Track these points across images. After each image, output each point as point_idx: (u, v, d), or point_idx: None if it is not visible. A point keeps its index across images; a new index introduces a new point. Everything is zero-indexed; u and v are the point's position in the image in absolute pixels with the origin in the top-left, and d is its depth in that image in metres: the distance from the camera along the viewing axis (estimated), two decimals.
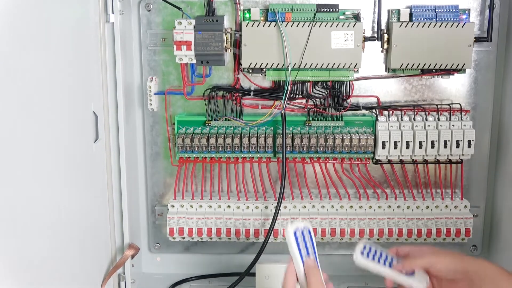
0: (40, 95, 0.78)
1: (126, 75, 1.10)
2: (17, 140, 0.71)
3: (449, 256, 0.90)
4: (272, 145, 1.13)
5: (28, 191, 0.74)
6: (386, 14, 1.11)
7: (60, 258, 0.86)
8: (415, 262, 0.91)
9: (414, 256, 0.92)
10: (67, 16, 0.90)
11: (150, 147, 1.18)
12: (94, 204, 1.03)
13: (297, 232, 0.84)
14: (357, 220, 1.15)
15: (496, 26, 1.11)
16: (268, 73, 1.10)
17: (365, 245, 0.91)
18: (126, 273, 1.13)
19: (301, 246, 0.83)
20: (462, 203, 1.16)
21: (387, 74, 1.14)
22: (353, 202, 1.16)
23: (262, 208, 1.16)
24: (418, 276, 0.91)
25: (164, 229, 1.19)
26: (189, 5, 1.10)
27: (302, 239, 0.84)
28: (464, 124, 1.11)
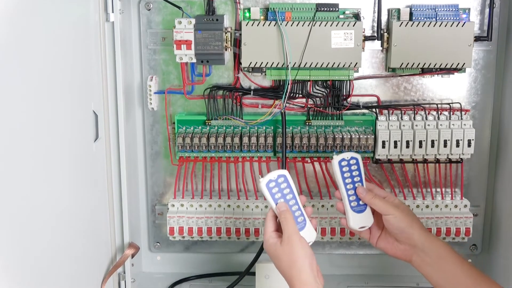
0: (40, 94, 0.78)
1: (126, 74, 1.10)
2: (17, 139, 0.71)
3: (406, 215, 0.93)
4: (272, 145, 1.13)
5: (28, 190, 0.75)
6: (386, 13, 1.11)
7: (60, 257, 0.86)
8: (375, 201, 0.94)
9: (378, 194, 0.96)
10: (67, 15, 0.90)
11: (150, 146, 1.18)
12: (94, 203, 1.03)
13: (269, 183, 0.90)
14: None
15: (496, 25, 1.11)
16: (268, 72, 1.10)
17: (353, 158, 0.95)
18: (126, 272, 1.13)
19: (276, 196, 0.91)
20: (462, 203, 1.16)
21: (387, 73, 1.14)
22: None
23: (262, 208, 1.16)
24: (363, 216, 0.94)
25: (164, 228, 1.19)
26: (189, 4, 1.10)
27: (277, 188, 0.91)
28: (464, 123, 1.11)
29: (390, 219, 0.92)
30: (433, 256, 0.90)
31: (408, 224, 0.92)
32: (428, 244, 0.91)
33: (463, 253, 1.21)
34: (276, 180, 0.91)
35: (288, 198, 0.92)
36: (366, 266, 1.24)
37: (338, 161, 0.95)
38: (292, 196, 0.92)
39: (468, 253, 1.21)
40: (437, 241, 0.92)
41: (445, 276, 0.90)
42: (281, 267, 0.87)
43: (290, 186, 0.92)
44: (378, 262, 1.23)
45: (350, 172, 0.95)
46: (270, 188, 0.91)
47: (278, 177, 0.91)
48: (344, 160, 0.95)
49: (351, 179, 0.95)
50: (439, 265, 0.90)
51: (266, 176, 0.91)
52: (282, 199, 0.91)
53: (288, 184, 0.92)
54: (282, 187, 0.92)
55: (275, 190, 0.91)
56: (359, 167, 0.95)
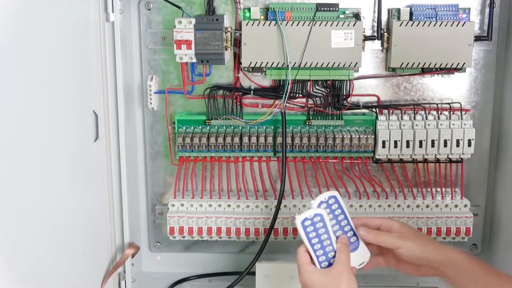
0: (40, 94, 0.78)
1: (126, 74, 1.10)
2: (17, 139, 0.71)
3: (414, 241, 0.90)
4: (272, 144, 1.13)
5: (28, 190, 0.74)
6: (386, 13, 1.11)
7: (60, 257, 0.86)
8: (380, 238, 0.91)
9: (381, 230, 0.92)
10: (67, 15, 0.90)
11: (150, 146, 1.18)
12: (94, 203, 1.03)
13: (305, 221, 0.87)
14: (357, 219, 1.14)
15: (496, 25, 1.11)
16: (268, 72, 1.10)
17: (333, 197, 0.90)
18: (126, 272, 1.13)
19: (310, 235, 0.86)
20: (462, 202, 1.16)
21: (387, 73, 1.14)
22: (353, 201, 1.16)
23: (262, 207, 1.16)
24: (359, 252, 0.91)
25: (164, 228, 1.19)
26: (189, 4, 1.10)
27: (329, 209, 0.89)
28: (464, 123, 1.11)
29: (401, 252, 0.90)
30: (452, 272, 0.89)
31: (421, 250, 0.90)
32: (445, 259, 0.89)
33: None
34: (327, 202, 0.89)
35: (340, 219, 0.89)
36: None
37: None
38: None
39: (468, 253, 1.21)
40: (451, 251, 0.90)
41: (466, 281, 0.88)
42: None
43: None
44: None
45: (335, 218, 0.90)
46: (305, 227, 0.87)
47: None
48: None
49: (338, 224, 0.90)
50: (459, 273, 0.88)
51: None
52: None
53: (340, 205, 0.89)
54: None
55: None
56: (340, 206, 0.90)
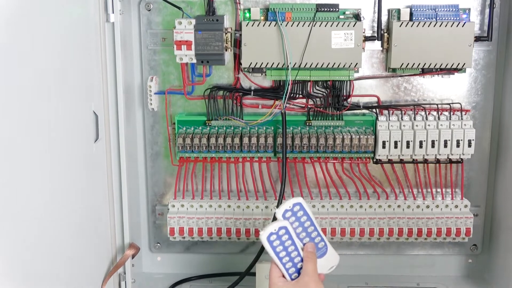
0: (40, 94, 0.78)
1: (126, 75, 1.10)
2: (17, 140, 0.71)
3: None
4: (272, 145, 1.13)
5: (28, 191, 0.75)
6: (386, 13, 1.11)
7: (61, 257, 0.86)
8: None
9: None
10: (67, 16, 0.90)
11: (150, 146, 1.18)
12: (95, 204, 1.03)
13: (271, 236, 0.86)
14: (357, 219, 1.15)
15: (496, 25, 1.11)
16: (268, 72, 1.10)
17: (297, 204, 0.89)
18: (126, 273, 1.14)
19: (277, 249, 0.86)
20: (462, 203, 1.16)
21: (387, 73, 1.14)
22: (353, 201, 1.16)
23: (263, 208, 1.16)
24: (328, 256, 0.90)
25: (165, 228, 1.19)
26: (189, 5, 1.10)
27: (294, 217, 0.88)
28: (464, 123, 1.11)
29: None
30: None
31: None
32: None
33: (464, 253, 1.22)
34: (292, 210, 0.88)
35: (307, 225, 0.89)
36: (366, 266, 1.23)
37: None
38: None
39: (468, 253, 1.22)
40: None
41: None
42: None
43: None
44: (378, 262, 1.23)
45: (301, 226, 0.89)
46: (291, 223, 0.87)
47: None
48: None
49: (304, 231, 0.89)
50: None
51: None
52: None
53: (305, 212, 0.89)
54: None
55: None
56: (305, 212, 0.89)
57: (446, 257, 1.23)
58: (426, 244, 1.20)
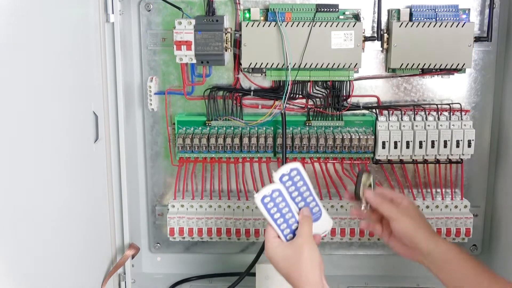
0: (40, 95, 0.78)
1: (126, 75, 1.10)
2: (17, 140, 0.71)
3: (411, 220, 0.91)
4: (272, 145, 1.13)
5: (28, 191, 0.75)
6: (386, 14, 1.11)
7: (60, 258, 0.86)
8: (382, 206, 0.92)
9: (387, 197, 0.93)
10: (67, 16, 0.90)
11: (150, 147, 1.18)
12: (94, 204, 1.03)
13: (265, 199, 0.87)
14: (357, 220, 1.14)
15: (496, 25, 1.11)
16: (268, 73, 1.10)
17: (295, 169, 0.89)
18: (126, 273, 1.13)
19: (271, 211, 0.87)
20: (462, 203, 1.16)
21: (387, 74, 1.14)
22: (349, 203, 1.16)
23: None
24: (322, 221, 0.92)
25: (164, 229, 1.19)
26: (189, 5, 1.10)
27: (290, 181, 0.88)
28: (464, 123, 1.11)
29: (394, 226, 0.90)
30: (440, 260, 0.89)
31: (413, 230, 0.90)
32: (434, 249, 0.89)
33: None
34: (289, 174, 0.89)
35: (302, 190, 0.90)
36: (366, 266, 1.23)
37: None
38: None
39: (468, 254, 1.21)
40: (443, 245, 0.89)
41: (454, 279, 0.89)
42: (287, 268, 0.85)
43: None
44: (378, 262, 1.23)
45: (297, 190, 0.90)
46: (287, 187, 0.89)
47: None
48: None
49: (300, 195, 0.90)
50: (447, 269, 0.89)
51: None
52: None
53: (302, 177, 0.90)
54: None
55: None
56: (302, 177, 0.90)
57: None
58: None
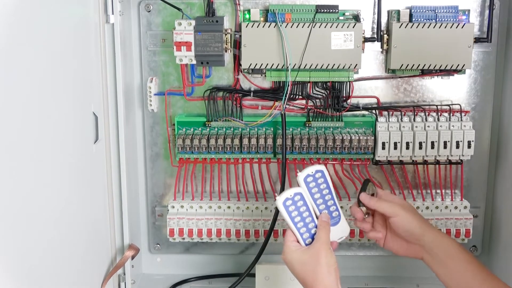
0: (40, 96, 0.78)
1: (126, 76, 1.10)
2: (17, 141, 0.71)
3: (412, 214, 0.92)
4: (272, 146, 1.13)
5: (28, 192, 0.74)
6: (386, 14, 1.11)
7: (60, 259, 0.86)
8: (381, 204, 0.93)
9: (383, 198, 0.95)
10: (67, 17, 0.90)
11: (150, 148, 1.18)
12: (94, 205, 1.03)
13: (286, 201, 0.88)
14: None
15: (496, 26, 1.11)
16: (268, 73, 1.10)
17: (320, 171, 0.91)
18: (126, 274, 1.13)
19: (292, 214, 0.88)
20: (462, 204, 1.16)
21: (387, 74, 1.14)
22: (353, 202, 1.16)
23: (262, 209, 1.16)
24: (340, 226, 0.93)
25: (164, 229, 1.19)
26: (189, 6, 1.10)
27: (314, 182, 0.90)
28: (464, 124, 1.11)
29: (397, 221, 0.91)
30: (442, 255, 0.90)
31: (417, 224, 0.91)
32: (437, 243, 0.90)
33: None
34: (314, 175, 0.90)
35: (325, 193, 0.91)
36: (366, 267, 1.23)
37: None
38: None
39: None
40: (446, 240, 0.91)
41: (453, 275, 0.89)
42: (303, 272, 0.85)
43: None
44: (378, 263, 1.23)
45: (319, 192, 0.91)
46: (310, 188, 0.90)
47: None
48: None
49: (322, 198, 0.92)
50: (447, 263, 0.89)
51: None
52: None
53: (325, 180, 0.91)
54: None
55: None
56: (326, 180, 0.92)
57: None
58: None
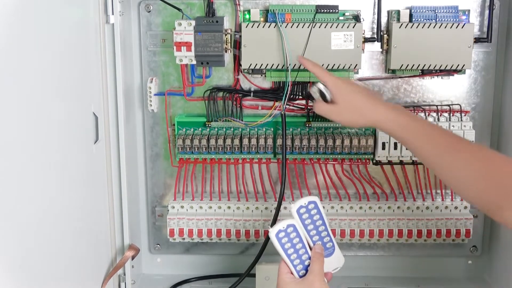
0: (40, 96, 0.78)
1: (126, 76, 1.10)
2: (17, 141, 0.71)
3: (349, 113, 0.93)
4: (272, 146, 1.13)
5: (28, 192, 0.74)
6: (386, 15, 1.11)
7: (60, 259, 0.86)
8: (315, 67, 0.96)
9: None
10: (67, 17, 0.90)
11: (150, 148, 1.18)
12: (94, 205, 1.03)
13: (279, 233, 0.88)
14: (357, 220, 1.15)
15: (496, 26, 1.11)
16: (268, 74, 1.10)
17: (312, 202, 0.90)
18: (126, 274, 1.13)
19: (285, 246, 0.88)
20: (462, 204, 1.16)
21: (387, 74, 1.14)
22: (353, 203, 1.16)
23: (262, 209, 1.16)
24: (334, 257, 0.92)
25: (164, 230, 1.19)
26: (189, 6, 1.10)
27: (307, 214, 0.89)
28: (464, 124, 1.11)
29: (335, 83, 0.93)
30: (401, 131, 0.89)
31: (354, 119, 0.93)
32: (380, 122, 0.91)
33: (463, 254, 1.21)
34: (307, 207, 0.90)
35: (318, 224, 0.90)
36: (366, 267, 1.23)
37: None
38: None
39: (468, 255, 1.21)
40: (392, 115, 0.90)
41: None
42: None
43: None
44: (378, 263, 1.23)
45: (313, 223, 0.90)
46: (303, 220, 0.89)
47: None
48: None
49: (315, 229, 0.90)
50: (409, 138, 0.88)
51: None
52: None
53: (318, 211, 0.90)
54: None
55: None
56: (319, 211, 0.90)
57: (445, 258, 1.23)
58: (426, 246, 1.20)
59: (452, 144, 0.85)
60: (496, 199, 0.79)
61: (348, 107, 0.93)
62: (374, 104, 0.91)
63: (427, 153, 0.86)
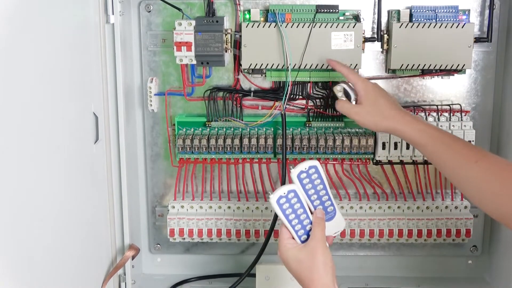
0: (40, 96, 0.78)
1: (126, 76, 1.10)
2: (18, 141, 0.72)
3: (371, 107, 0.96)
4: (272, 146, 1.13)
5: (28, 192, 0.75)
6: (386, 14, 1.11)
7: (61, 259, 0.86)
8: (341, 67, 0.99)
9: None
10: (67, 17, 0.90)
11: (150, 148, 1.18)
12: (95, 205, 1.03)
13: (280, 199, 0.87)
14: (357, 220, 1.15)
15: (496, 26, 1.11)
16: (268, 73, 1.10)
17: (313, 167, 0.90)
18: (126, 274, 1.14)
19: (287, 212, 0.88)
20: (462, 204, 1.16)
21: (387, 74, 1.14)
22: (353, 202, 1.16)
23: (263, 209, 1.16)
24: (335, 221, 0.92)
25: (165, 230, 1.19)
26: (189, 6, 1.10)
27: (308, 179, 0.89)
28: (464, 124, 1.11)
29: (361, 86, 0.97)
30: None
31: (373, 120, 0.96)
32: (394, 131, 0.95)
33: (464, 254, 1.21)
34: (307, 171, 0.90)
35: (319, 188, 0.90)
36: (366, 267, 1.23)
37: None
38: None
39: (468, 255, 1.21)
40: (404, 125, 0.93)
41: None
42: (300, 269, 0.84)
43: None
44: (378, 263, 1.23)
45: (314, 188, 0.90)
46: (304, 185, 0.89)
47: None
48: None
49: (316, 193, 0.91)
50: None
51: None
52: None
53: (319, 175, 0.90)
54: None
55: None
56: (320, 175, 0.90)
57: (446, 258, 1.23)
58: (426, 245, 1.20)
59: (476, 155, 0.86)
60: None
61: (372, 110, 0.96)
62: (399, 112, 0.95)
63: (452, 164, 0.88)
